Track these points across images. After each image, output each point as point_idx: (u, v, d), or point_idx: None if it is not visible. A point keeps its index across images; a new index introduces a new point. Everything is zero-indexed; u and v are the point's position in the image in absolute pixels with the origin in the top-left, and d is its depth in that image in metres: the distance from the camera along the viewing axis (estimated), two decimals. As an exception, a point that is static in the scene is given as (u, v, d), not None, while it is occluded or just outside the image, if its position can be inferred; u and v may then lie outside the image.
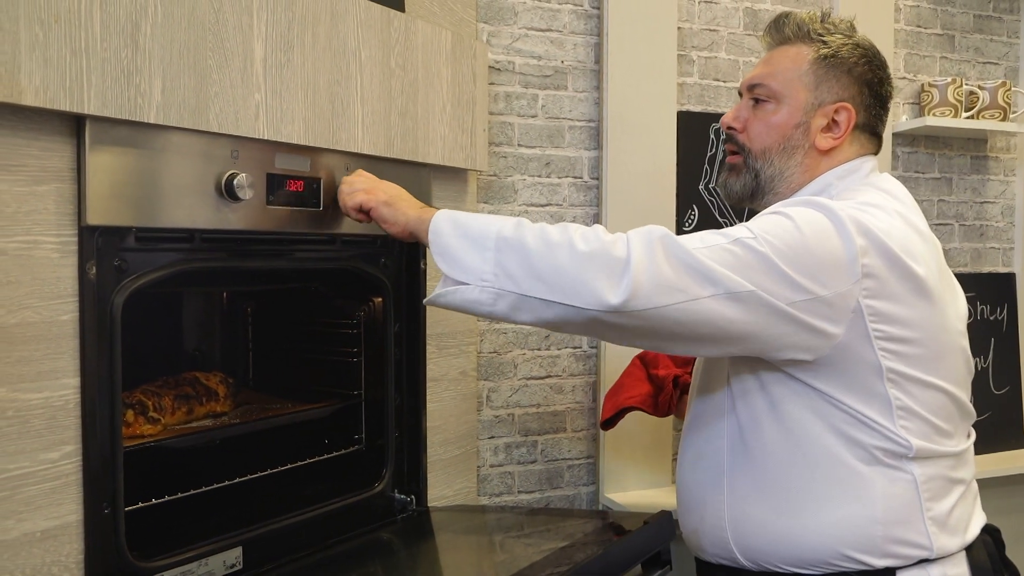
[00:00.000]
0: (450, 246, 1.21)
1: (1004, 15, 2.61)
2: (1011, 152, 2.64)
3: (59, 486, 1.11)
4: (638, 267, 1.11)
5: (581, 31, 2.06)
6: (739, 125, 1.39)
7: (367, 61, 1.49)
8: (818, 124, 1.34)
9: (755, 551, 1.29)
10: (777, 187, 1.36)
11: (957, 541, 1.27)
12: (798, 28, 1.37)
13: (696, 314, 1.13)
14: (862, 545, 1.22)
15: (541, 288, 1.15)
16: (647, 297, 1.11)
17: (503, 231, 1.19)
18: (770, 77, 1.37)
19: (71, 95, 1.06)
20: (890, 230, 1.21)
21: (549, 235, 1.17)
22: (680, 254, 1.13)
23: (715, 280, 1.13)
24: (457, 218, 1.24)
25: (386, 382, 1.66)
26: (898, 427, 1.22)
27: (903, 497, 1.23)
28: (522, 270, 1.16)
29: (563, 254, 1.14)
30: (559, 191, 2.05)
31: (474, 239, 1.20)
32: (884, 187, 1.33)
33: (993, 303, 2.52)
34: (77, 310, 1.13)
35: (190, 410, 1.54)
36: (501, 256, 1.18)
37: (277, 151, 1.36)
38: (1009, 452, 2.48)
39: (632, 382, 1.81)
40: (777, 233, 1.17)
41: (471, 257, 1.20)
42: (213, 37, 1.23)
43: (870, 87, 1.36)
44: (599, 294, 1.12)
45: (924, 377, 1.23)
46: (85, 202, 1.12)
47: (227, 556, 1.34)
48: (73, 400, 1.13)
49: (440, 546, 1.62)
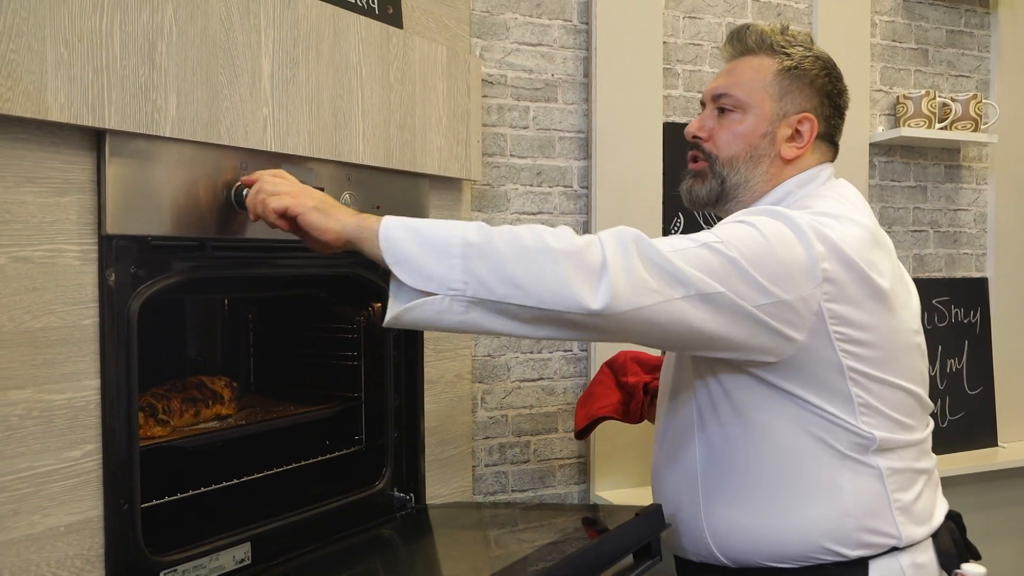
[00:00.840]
0: (410, 254, 1.12)
1: (975, 30, 2.71)
2: (983, 161, 2.73)
3: (81, 483, 1.16)
4: (615, 270, 1.11)
5: (571, 45, 2.13)
6: (705, 134, 1.41)
7: (367, 76, 1.55)
8: (783, 134, 1.37)
9: (735, 550, 1.34)
10: (741, 195, 1.39)
11: (924, 529, 1.33)
12: (760, 39, 1.39)
13: (669, 315, 1.14)
14: (837, 537, 1.27)
15: (517, 294, 1.11)
16: (626, 299, 1.11)
17: (468, 236, 1.12)
18: (735, 87, 1.39)
19: (93, 111, 1.12)
20: (847, 239, 1.24)
21: (520, 238, 1.13)
22: (653, 256, 1.14)
23: (687, 281, 1.14)
24: (411, 224, 1.15)
25: (385, 385, 1.71)
26: (860, 422, 1.27)
27: (871, 490, 1.28)
28: (495, 276, 1.11)
29: (539, 258, 1.11)
30: (550, 199, 2.11)
31: (436, 246, 1.12)
32: (840, 193, 1.36)
33: (967, 307, 2.60)
34: (97, 315, 1.18)
35: (197, 412, 1.60)
36: (470, 263, 1.11)
37: (283, 162, 1.42)
38: (982, 450, 2.56)
39: (602, 391, 1.83)
40: (743, 240, 1.19)
41: (435, 264, 1.11)
42: (224, 54, 1.29)
43: (830, 98, 1.40)
44: (579, 298, 1.10)
45: (883, 376, 1.28)
46: (105, 212, 1.17)
47: (236, 551, 1.39)
48: (94, 401, 1.18)
49: (438, 541, 1.67)
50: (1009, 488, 2.48)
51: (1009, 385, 2.69)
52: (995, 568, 2.40)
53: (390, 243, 1.13)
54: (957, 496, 2.27)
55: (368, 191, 1.58)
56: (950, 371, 2.55)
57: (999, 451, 2.57)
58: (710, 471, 1.36)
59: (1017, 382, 2.72)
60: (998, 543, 2.47)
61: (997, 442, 2.60)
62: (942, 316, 2.55)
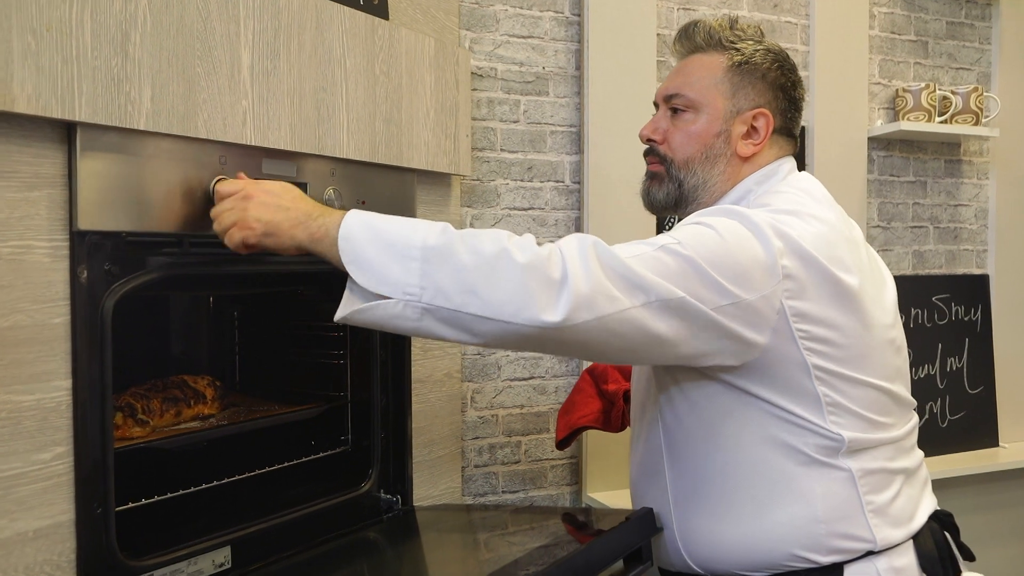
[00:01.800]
0: (366, 254, 1.10)
1: (976, 22, 2.67)
2: (984, 156, 2.69)
3: (51, 486, 1.13)
4: (576, 280, 1.07)
5: (562, 38, 2.10)
6: (659, 137, 1.39)
7: (352, 68, 1.52)
8: (738, 131, 1.35)
9: (706, 559, 1.32)
10: (700, 196, 1.37)
11: (902, 532, 1.28)
12: (709, 36, 1.37)
13: (629, 323, 1.11)
14: (807, 544, 1.24)
15: (476, 303, 1.07)
16: (586, 309, 1.07)
17: (428, 239, 1.09)
18: (687, 86, 1.36)
19: (63, 103, 1.08)
20: (805, 235, 1.21)
21: (482, 245, 1.09)
22: (613, 263, 1.11)
23: (646, 288, 1.11)
24: (371, 222, 1.12)
25: (372, 384, 1.68)
26: (829, 423, 1.23)
27: (841, 493, 1.24)
28: (454, 283, 1.07)
29: (500, 267, 1.07)
30: (541, 195, 2.08)
31: (394, 246, 1.09)
32: (802, 187, 1.33)
33: (967, 304, 2.57)
34: (69, 313, 1.15)
35: (178, 412, 1.56)
36: (428, 267, 1.08)
37: (264, 157, 1.38)
38: (983, 451, 2.53)
39: (583, 399, 1.80)
40: (701, 240, 1.17)
41: (393, 267, 1.09)
42: (201, 45, 1.26)
43: (784, 91, 1.37)
44: (538, 311, 1.06)
45: (852, 374, 1.24)
46: (76, 207, 1.14)
47: (216, 555, 1.36)
48: (65, 402, 1.15)
49: (425, 544, 1.65)
50: (1010, 489, 2.45)
51: (1010, 384, 2.66)
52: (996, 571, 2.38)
53: (348, 243, 1.11)
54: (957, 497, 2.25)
55: (353, 186, 1.55)
56: (950, 370, 2.52)
57: (1000, 451, 2.54)
58: (679, 481, 1.35)
59: (1019, 381, 2.69)
60: (999, 545, 2.44)
61: (998, 442, 2.57)
62: (942, 314, 2.52)
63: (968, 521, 1.45)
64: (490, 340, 1.12)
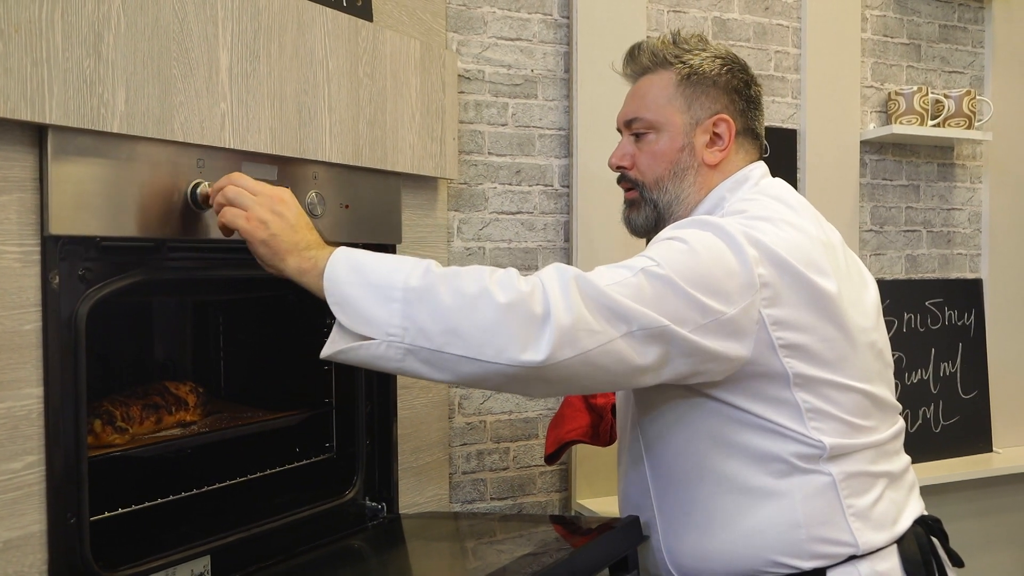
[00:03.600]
0: (351, 296, 1.11)
1: (969, 25, 2.66)
2: (977, 159, 2.68)
3: (21, 496, 1.10)
4: (558, 315, 1.07)
5: (551, 40, 2.08)
6: (627, 162, 1.40)
7: (335, 70, 1.50)
8: (701, 141, 1.36)
9: (688, 569, 1.31)
10: (675, 210, 1.37)
11: (884, 536, 1.27)
12: (653, 56, 1.39)
13: (612, 354, 1.11)
14: (788, 549, 1.23)
15: (458, 344, 1.08)
16: (569, 346, 1.07)
17: (410, 280, 1.10)
18: (643, 109, 1.38)
19: (32, 105, 1.06)
20: (779, 242, 1.21)
21: (463, 285, 1.10)
22: (594, 294, 1.10)
23: (628, 318, 1.11)
24: (357, 262, 1.13)
25: (357, 390, 1.66)
26: (810, 429, 1.23)
27: (822, 497, 1.24)
28: (435, 324, 1.08)
29: (482, 307, 1.07)
30: (529, 199, 2.06)
31: (378, 287, 1.10)
32: (775, 193, 1.33)
33: (960, 309, 2.55)
34: (40, 320, 1.13)
35: (159, 419, 1.54)
36: (410, 308, 1.08)
37: (244, 160, 1.36)
38: (977, 456, 2.51)
39: (572, 413, 1.78)
40: (677, 258, 1.17)
41: (375, 309, 1.09)
42: (177, 47, 1.24)
43: (739, 92, 1.38)
44: (520, 350, 1.06)
45: (832, 378, 1.24)
46: (48, 212, 1.12)
47: (195, 565, 1.34)
48: (36, 410, 1.12)
49: (411, 553, 1.63)
50: (1004, 495, 2.42)
51: (1004, 389, 2.64)
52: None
53: (332, 284, 1.12)
54: (951, 503, 2.24)
55: (336, 190, 1.53)
56: (944, 375, 2.50)
57: (994, 457, 2.52)
58: (661, 490, 1.34)
59: (1012, 386, 2.67)
60: (993, 551, 2.42)
61: (992, 448, 2.55)
62: (935, 318, 2.50)
63: (962, 527, 1.44)
64: (473, 380, 1.13)
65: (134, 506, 1.37)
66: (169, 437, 1.52)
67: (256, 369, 1.82)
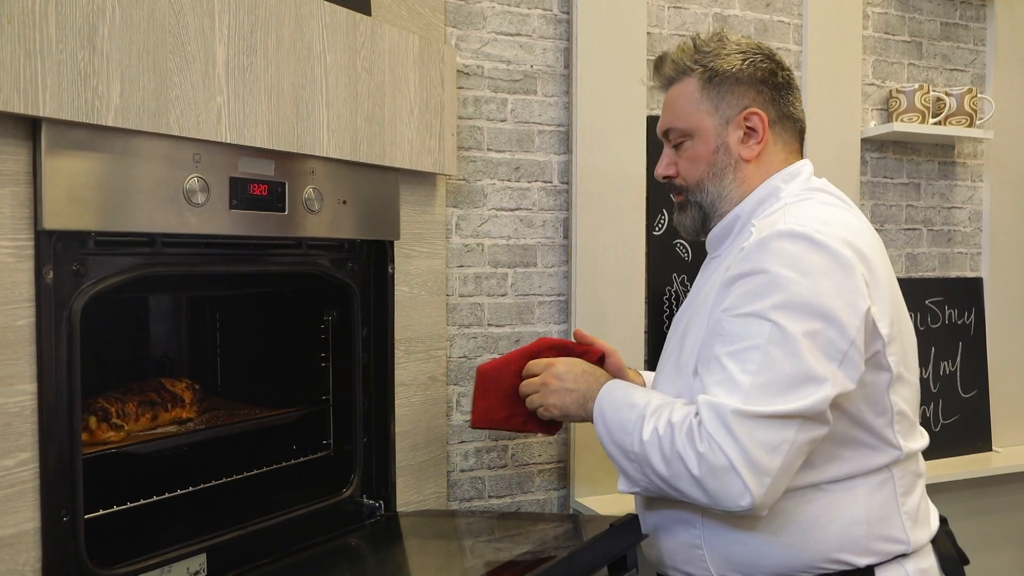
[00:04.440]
0: (611, 454, 1.32)
1: (971, 23, 2.64)
2: (978, 158, 2.66)
3: (14, 493, 1.10)
4: (739, 463, 1.14)
5: (550, 36, 2.06)
6: (672, 171, 1.43)
7: (332, 65, 1.48)
8: (735, 138, 1.37)
9: (733, 564, 1.29)
10: (720, 207, 1.39)
11: (926, 534, 1.30)
12: (675, 65, 1.41)
13: (805, 446, 1.17)
14: (848, 546, 1.24)
15: (685, 496, 1.21)
16: (766, 473, 1.14)
17: (634, 446, 1.26)
18: (674, 119, 1.41)
19: (25, 97, 1.05)
20: (859, 237, 1.24)
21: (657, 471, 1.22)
22: (754, 423, 1.14)
23: (789, 416, 1.14)
24: (604, 418, 1.33)
25: (354, 387, 1.65)
26: (895, 434, 1.25)
27: (883, 494, 1.25)
28: (663, 483, 1.23)
29: (684, 483, 1.19)
30: (529, 195, 2.05)
31: (620, 447, 1.29)
32: (830, 191, 1.37)
33: (961, 307, 2.54)
34: (34, 315, 1.12)
35: (155, 416, 1.53)
36: (643, 469, 1.25)
37: (241, 155, 1.35)
38: (977, 455, 2.50)
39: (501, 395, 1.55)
40: (784, 300, 1.17)
41: (625, 465, 1.29)
42: (173, 39, 1.22)
43: (765, 83, 1.38)
44: (735, 503, 1.16)
45: (905, 373, 1.27)
46: (41, 206, 1.11)
47: (191, 563, 1.33)
48: (30, 406, 1.11)
49: (408, 551, 1.61)
50: (1004, 494, 2.41)
51: (1004, 388, 2.63)
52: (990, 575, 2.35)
53: (601, 437, 1.34)
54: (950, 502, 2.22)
55: (334, 185, 1.52)
56: (944, 374, 2.49)
57: (993, 456, 2.50)
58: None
59: (1012, 385, 2.66)
60: (993, 550, 2.41)
61: (992, 447, 2.54)
62: (935, 317, 2.49)
63: (962, 526, 1.43)
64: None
65: (129, 503, 1.36)
66: (165, 434, 1.51)
67: (253, 365, 1.81)
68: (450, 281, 1.95)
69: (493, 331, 2.01)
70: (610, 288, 2.07)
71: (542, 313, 2.06)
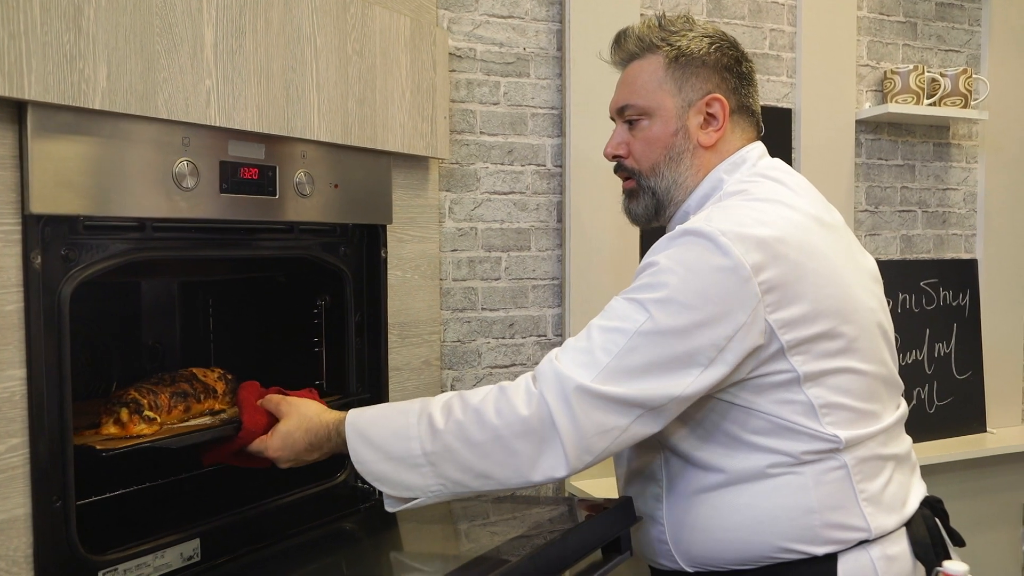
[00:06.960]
0: (383, 472, 1.23)
1: (966, 3, 2.63)
2: (973, 139, 2.66)
3: (5, 479, 1.09)
4: (566, 437, 1.14)
5: (543, 18, 2.05)
6: (623, 151, 1.39)
7: (323, 47, 1.47)
8: (695, 123, 1.34)
9: (697, 556, 1.29)
10: (674, 195, 1.36)
11: (895, 519, 1.27)
12: (640, 41, 1.37)
13: (634, 437, 1.17)
14: (801, 536, 1.22)
15: (492, 482, 1.19)
16: (587, 452, 1.15)
17: (425, 445, 1.20)
18: (634, 96, 1.37)
19: (10, 80, 1.04)
20: (783, 234, 1.18)
21: (472, 435, 1.18)
22: (595, 402, 1.14)
23: (631, 405, 1.15)
24: (365, 436, 1.25)
25: (347, 372, 1.64)
26: (824, 425, 1.21)
27: (836, 483, 1.22)
28: (466, 475, 1.19)
29: (496, 451, 1.16)
30: (522, 179, 2.04)
31: (401, 460, 1.21)
32: (775, 176, 1.31)
33: (955, 289, 2.54)
34: (22, 300, 1.11)
35: (187, 408, 1.50)
36: (439, 469, 1.20)
37: (230, 138, 1.34)
38: (971, 436, 2.51)
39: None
40: (667, 296, 1.15)
41: (410, 477, 1.21)
42: (161, 21, 1.21)
43: (729, 70, 1.36)
44: (550, 471, 1.16)
45: (843, 365, 1.22)
46: (28, 190, 1.09)
47: (184, 548, 1.33)
48: (19, 392, 1.11)
49: (403, 536, 1.61)
50: (998, 475, 2.43)
51: (999, 370, 2.63)
52: (984, 556, 2.36)
53: (362, 466, 1.25)
54: (945, 483, 2.23)
55: (325, 169, 1.51)
56: (938, 355, 2.49)
57: (988, 437, 2.52)
58: (670, 482, 1.33)
59: (1007, 367, 2.66)
60: (987, 531, 2.42)
61: (986, 428, 2.55)
62: (930, 299, 2.49)
63: (956, 507, 1.43)
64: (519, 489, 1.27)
65: (122, 490, 1.35)
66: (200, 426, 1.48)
67: (246, 351, 1.80)
68: (443, 265, 1.95)
69: (487, 315, 2.00)
70: (604, 271, 2.06)
71: (536, 297, 2.06)
